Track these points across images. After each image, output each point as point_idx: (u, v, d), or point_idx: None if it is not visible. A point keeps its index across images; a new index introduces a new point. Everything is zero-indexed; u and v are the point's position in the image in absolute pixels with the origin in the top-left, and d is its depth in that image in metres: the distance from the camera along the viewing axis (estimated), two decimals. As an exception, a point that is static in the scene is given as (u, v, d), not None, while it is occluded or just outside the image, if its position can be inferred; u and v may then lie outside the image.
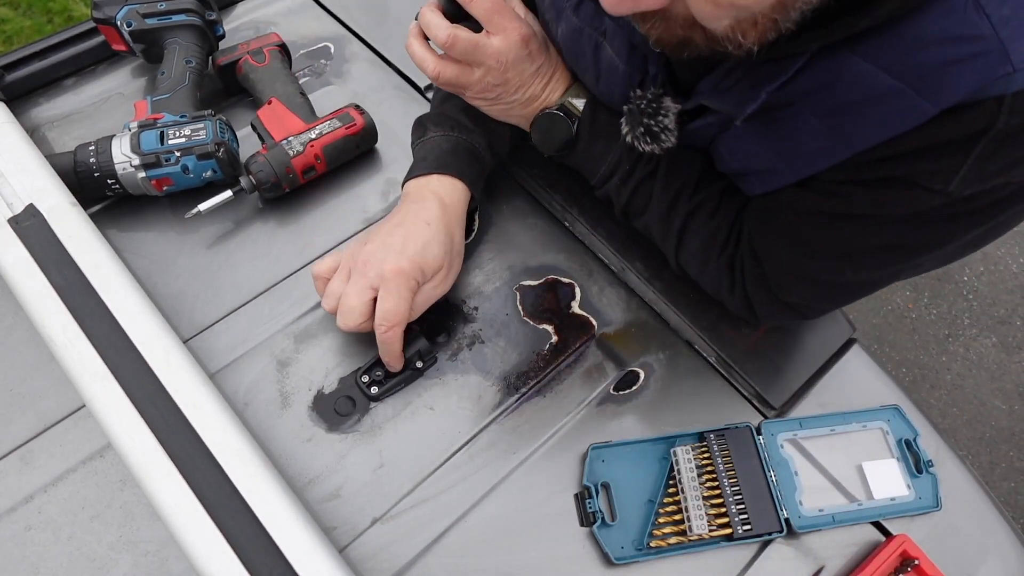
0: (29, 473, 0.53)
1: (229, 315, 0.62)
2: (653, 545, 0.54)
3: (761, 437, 0.59)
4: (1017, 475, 1.61)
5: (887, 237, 0.48)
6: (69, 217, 0.58)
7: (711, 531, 0.54)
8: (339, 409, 0.58)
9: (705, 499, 0.55)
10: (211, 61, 0.74)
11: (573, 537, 0.55)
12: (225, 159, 0.64)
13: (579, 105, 0.61)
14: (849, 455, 0.60)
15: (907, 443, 0.61)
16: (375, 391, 0.58)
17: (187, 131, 0.64)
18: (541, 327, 0.64)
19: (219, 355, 0.60)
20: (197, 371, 0.53)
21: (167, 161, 0.63)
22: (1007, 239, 1.96)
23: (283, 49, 0.75)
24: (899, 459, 0.60)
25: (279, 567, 0.44)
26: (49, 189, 0.60)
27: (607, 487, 0.56)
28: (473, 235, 0.69)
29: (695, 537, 0.54)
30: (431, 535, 0.53)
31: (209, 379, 0.53)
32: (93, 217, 0.62)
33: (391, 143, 0.74)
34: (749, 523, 0.55)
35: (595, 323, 0.65)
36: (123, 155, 0.62)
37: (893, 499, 0.58)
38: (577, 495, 0.56)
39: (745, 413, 0.62)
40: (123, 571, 0.50)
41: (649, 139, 0.54)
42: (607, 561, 0.53)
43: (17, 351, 0.58)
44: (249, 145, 0.70)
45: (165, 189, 0.65)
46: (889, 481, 0.59)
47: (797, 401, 0.63)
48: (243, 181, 0.65)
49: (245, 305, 0.62)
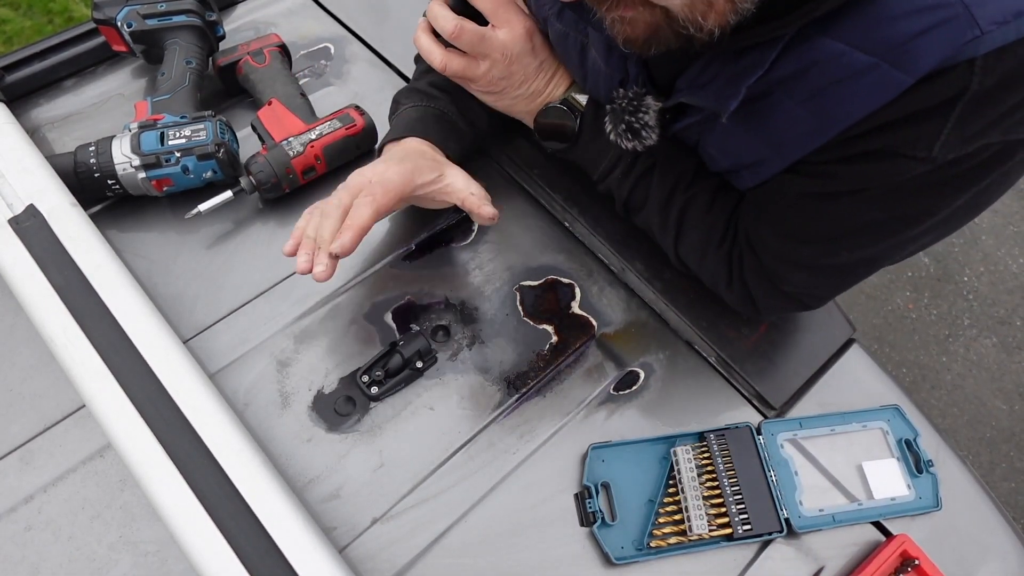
0: (29, 473, 0.53)
1: (229, 315, 0.62)
2: (653, 545, 0.54)
3: (761, 437, 0.59)
4: (1017, 475, 1.61)
5: (877, 211, 0.49)
6: (69, 217, 0.58)
7: (711, 531, 0.54)
8: (339, 409, 0.58)
9: (705, 499, 0.55)
10: (211, 62, 0.74)
11: (573, 537, 0.55)
12: (225, 160, 0.64)
13: (582, 100, 0.62)
14: (849, 455, 0.60)
15: (907, 443, 0.61)
16: (375, 391, 0.58)
17: (187, 132, 0.64)
18: (541, 327, 0.64)
19: (219, 355, 0.60)
20: (197, 371, 0.53)
21: (167, 162, 0.63)
22: (1007, 239, 1.96)
23: (283, 50, 0.75)
24: (899, 459, 0.60)
25: (279, 567, 0.44)
26: (49, 190, 0.60)
27: (607, 487, 0.56)
28: (473, 236, 0.69)
29: (695, 537, 0.54)
30: (431, 535, 0.53)
31: (209, 379, 0.54)
32: (93, 218, 0.62)
33: (391, 143, 0.74)
34: (749, 523, 0.55)
35: (595, 323, 0.65)
36: (123, 156, 0.62)
37: (893, 499, 0.58)
38: (577, 495, 0.56)
39: (745, 413, 0.62)
40: (123, 571, 0.50)
41: (631, 135, 0.55)
42: (607, 561, 0.53)
43: (17, 351, 0.58)
44: (249, 146, 0.70)
45: (165, 189, 0.65)
46: (889, 481, 0.59)
47: (797, 401, 0.63)
48: (243, 182, 0.65)
49: (245, 305, 0.62)
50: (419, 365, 0.60)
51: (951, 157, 0.42)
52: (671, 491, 0.57)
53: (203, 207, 0.64)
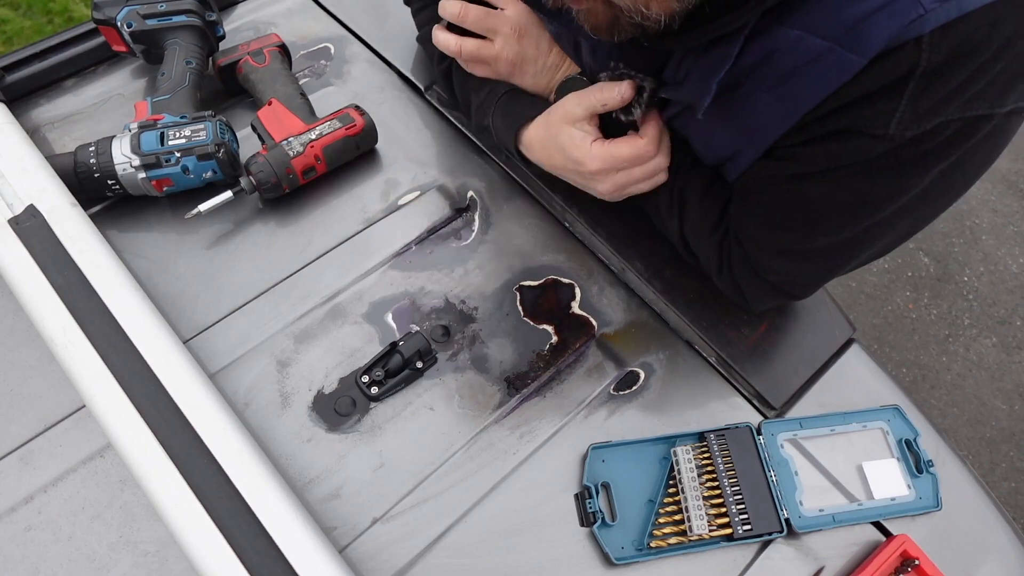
0: (29, 473, 0.53)
1: (229, 315, 0.62)
2: (653, 545, 0.54)
3: (761, 437, 0.59)
4: (1017, 475, 1.61)
5: (845, 192, 0.50)
6: (69, 218, 0.58)
7: (711, 531, 0.54)
8: (339, 409, 0.58)
9: (705, 499, 0.55)
10: (211, 62, 0.74)
11: (573, 537, 0.55)
12: (225, 160, 0.64)
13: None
14: (849, 455, 0.60)
15: (907, 443, 0.61)
16: (375, 391, 0.58)
17: (187, 132, 0.64)
18: (541, 327, 0.64)
19: (219, 355, 0.60)
20: (197, 371, 0.53)
21: (167, 162, 0.63)
22: (1007, 239, 1.96)
23: (283, 50, 0.75)
24: (899, 459, 0.60)
25: (279, 567, 0.44)
26: (49, 190, 0.60)
27: (607, 487, 0.56)
28: (473, 236, 0.69)
29: (695, 537, 0.54)
30: (431, 535, 0.53)
31: (209, 379, 0.54)
32: (93, 218, 0.62)
33: (391, 143, 0.74)
34: (749, 523, 0.55)
35: (595, 323, 0.65)
36: (123, 156, 0.62)
37: (893, 499, 0.58)
38: (577, 495, 0.56)
39: (745, 413, 0.62)
40: (123, 571, 0.50)
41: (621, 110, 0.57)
42: (607, 561, 0.53)
43: (17, 351, 0.58)
44: (249, 146, 0.70)
45: (165, 190, 0.65)
46: (889, 481, 0.59)
47: (797, 401, 0.63)
48: (243, 182, 0.65)
49: (245, 305, 0.62)
50: (419, 365, 0.60)
51: (909, 135, 0.44)
52: (671, 491, 0.57)
53: (203, 207, 0.64)
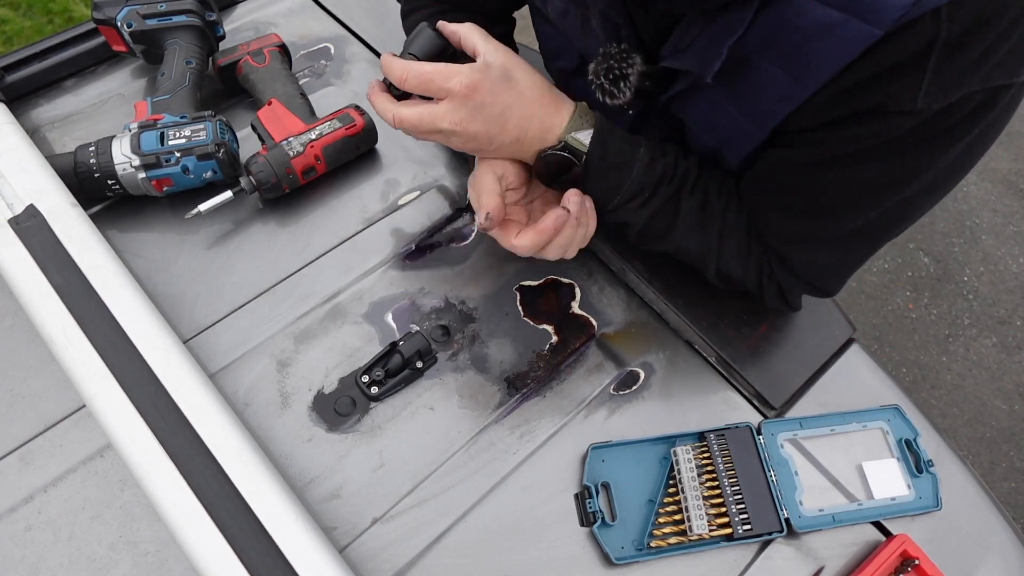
0: (29, 473, 0.53)
1: (229, 315, 0.62)
2: (653, 545, 0.54)
3: (761, 437, 0.59)
4: (1017, 475, 1.61)
5: (873, 172, 0.49)
6: (69, 218, 0.58)
7: (711, 531, 0.54)
8: (339, 409, 0.58)
9: (705, 499, 0.55)
10: (211, 62, 0.74)
11: (573, 537, 0.55)
12: (225, 160, 0.64)
13: (584, 139, 0.54)
14: (849, 455, 0.60)
15: (907, 443, 0.61)
16: (375, 391, 0.58)
17: (187, 132, 0.64)
18: (541, 327, 0.64)
19: (219, 355, 0.60)
20: (197, 371, 0.53)
21: (167, 162, 0.63)
22: (1007, 239, 1.96)
23: (283, 50, 0.75)
24: (899, 459, 0.60)
25: (279, 567, 0.44)
26: (49, 190, 0.60)
27: (607, 487, 0.56)
28: (473, 236, 0.69)
29: (695, 537, 0.54)
30: (431, 535, 0.53)
31: (209, 379, 0.53)
32: (93, 218, 0.62)
33: (391, 143, 0.74)
34: (749, 523, 0.55)
35: (595, 323, 0.65)
36: (123, 156, 0.62)
37: (893, 499, 0.58)
38: (577, 495, 0.56)
39: (745, 413, 0.62)
40: (123, 571, 0.50)
41: (609, 83, 0.54)
42: (607, 561, 0.53)
43: (17, 351, 0.58)
44: (249, 146, 0.70)
45: (165, 190, 0.65)
46: (889, 481, 0.59)
47: (797, 401, 0.63)
48: (243, 182, 0.65)
49: (245, 305, 0.63)
50: (419, 365, 0.60)
51: (936, 108, 0.43)
52: (671, 491, 0.57)
53: (203, 207, 0.64)
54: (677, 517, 0.55)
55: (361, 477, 0.55)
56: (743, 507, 0.55)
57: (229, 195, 0.65)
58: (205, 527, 0.45)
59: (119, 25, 0.70)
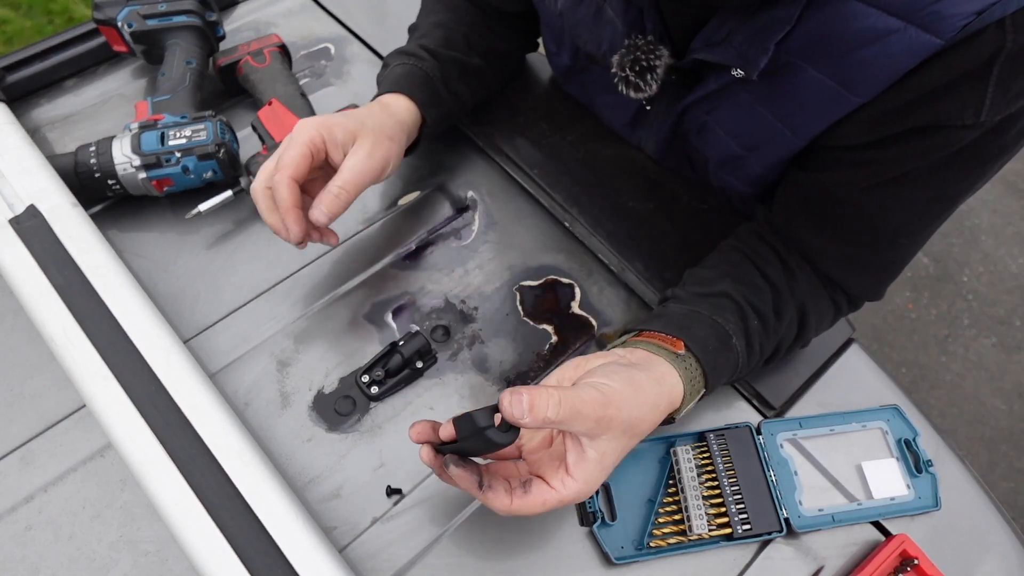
0: (29, 473, 0.53)
1: (229, 315, 0.62)
2: (653, 545, 0.54)
3: (761, 437, 0.59)
4: (1017, 475, 1.61)
5: (930, 189, 0.48)
6: (70, 218, 0.58)
7: (711, 531, 0.54)
8: (339, 409, 0.58)
9: (705, 499, 0.56)
10: (212, 62, 0.74)
11: (573, 537, 0.55)
12: (225, 160, 0.64)
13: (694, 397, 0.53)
14: (849, 455, 0.60)
15: (907, 443, 0.61)
16: (375, 391, 0.58)
17: (188, 132, 0.64)
18: (541, 327, 0.64)
19: (219, 355, 0.60)
20: (197, 371, 0.53)
21: (168, 162, 0.63)
22: (1007, 239, 1.97)
23: (283, 50, 0.75)
24: (899, 459, 0.60)
25: (279, 567, 0.44)
26: (50, 190, 0.60)
27: (607, 487, 0.56)
28: (473, 236, 0.69)
29: (695, 537, 0.54)
30: (431, 535, 0.53)
31: (209, 379, 0.54)
32: (94, 218, 0.62)
33: (391, 144, 0.74)
34: (749, 523, 0.55)
35: (595, 323, 0.65)
36: (124, 156, 0.62)
37: (893, 499, 0.58)
38: (577, 495, 0.56)
39: (745, 413, 0.62)
40: (123, 571, 0.50)
41: (635, 75, 0.53)
42: (607, 561, 0.53)
43: (17, 351, 0.58)
44: (249, 146, 0.70)
45: (165, 190, 0.65)
46: (889, 481, 0.59)
47: (797, 401, 0.63)
48: (243, 181, 0.65)
49: (245, 305, 0.63)
50: (419, 365, 0.60)
51: (997, 120, 0.42)
52: (671, 491, 0.57)
53: (203, 207, 0.64)
54: (677, 517, 0.55)
55: (361, 477, 0.55)
56: (743, 507, 0.55)
57: (229, 195, 0.65)
58: (205, 527, 0.45)
59: (119, 25, 0.70)
